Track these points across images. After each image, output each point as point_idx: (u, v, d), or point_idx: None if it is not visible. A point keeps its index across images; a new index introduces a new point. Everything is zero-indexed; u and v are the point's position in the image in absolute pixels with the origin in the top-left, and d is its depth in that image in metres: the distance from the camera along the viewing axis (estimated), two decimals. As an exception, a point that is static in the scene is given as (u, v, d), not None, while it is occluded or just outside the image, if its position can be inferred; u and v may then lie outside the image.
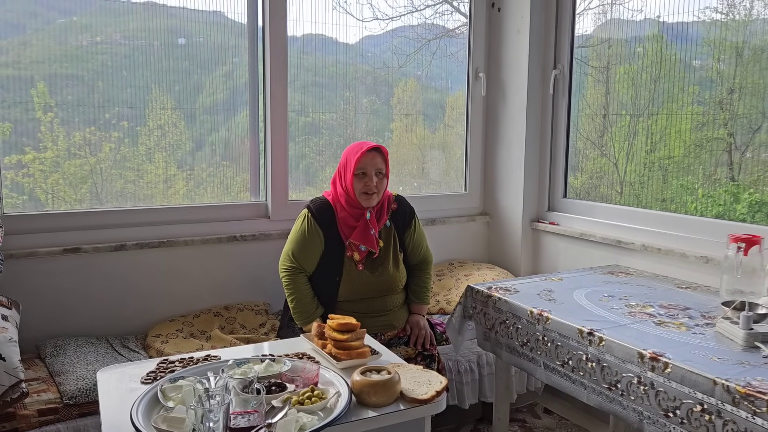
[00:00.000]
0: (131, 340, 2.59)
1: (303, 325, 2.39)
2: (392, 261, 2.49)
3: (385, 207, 2.52)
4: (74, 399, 2.06)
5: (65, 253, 2.55)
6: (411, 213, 2.60)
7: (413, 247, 2.59)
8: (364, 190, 2.39)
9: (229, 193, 3.00)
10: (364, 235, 2.42)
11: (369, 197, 2.40)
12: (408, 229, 2.57)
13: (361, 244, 2.42)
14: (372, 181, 2.38)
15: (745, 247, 2.02)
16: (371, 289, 2.45)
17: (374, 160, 2.40)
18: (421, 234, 2.63)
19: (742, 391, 1.45)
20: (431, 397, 1.60)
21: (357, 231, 2.41)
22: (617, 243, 2.88)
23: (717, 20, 2.63)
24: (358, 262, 2.43)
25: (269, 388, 1.59)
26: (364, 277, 2.43)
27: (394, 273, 2.49)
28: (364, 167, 2.38)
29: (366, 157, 2.38)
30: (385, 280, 2.46)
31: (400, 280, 2.52)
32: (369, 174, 2.38)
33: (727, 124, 2.64)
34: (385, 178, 2.44)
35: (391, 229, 2.53)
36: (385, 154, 2.45)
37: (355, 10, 3.20)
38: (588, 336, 1.88)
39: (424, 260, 2.63)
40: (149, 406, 1.52)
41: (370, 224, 2.43)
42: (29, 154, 2.59)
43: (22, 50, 2.55)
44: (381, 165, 2.41)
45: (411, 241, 2.58)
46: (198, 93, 2.93)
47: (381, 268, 2.45)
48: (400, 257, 2.53)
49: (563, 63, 3.22)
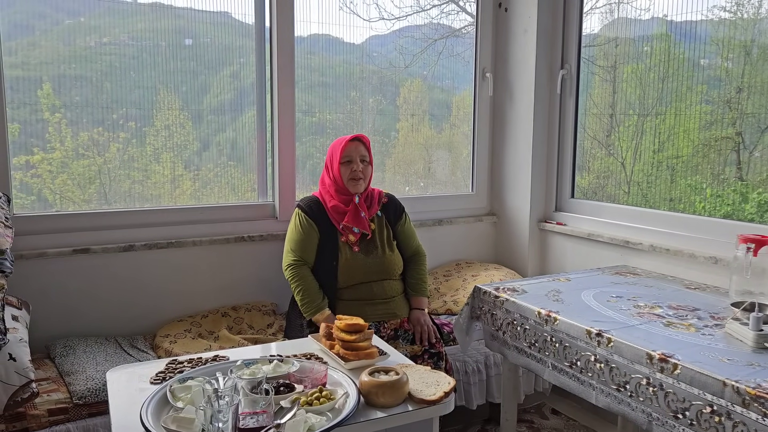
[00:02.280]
0: (140, 340, 2.60)
1: (311, 316, 2.46)
2: (386, 244, 2.63)
3: (375, 198, 2.69)
4: (84, 399, 2.07)
5: (74, 253, 2.56)
6: (401, 208, 2.78)
7: (405, 238, 2.73)
8: (352, 176, 2.56)
9: (235, 193, 3.01)
10: (355, 218, 2.57)
11: (356, 182, 2.57)
12: (399, 221, 2.73)
13: (354, 227, 2.56)
14: (358, 167, 2.56)
15: (754, 248, 2.00)
16: (368, 271, 2.56)
17: (358, 148, 2.58)
18: (411, 229, 2.79)
19: (752, 392, 1.45)
20: (439, 397, 1.60)
21: (348, 214, 2.57)
22: (625, 243, 2.87)
23: (725, 19, 2.61)
24: (353, 244, 2.55)
25: (278, 388, 1.59)
26: (360, 259, 2.55)
27: (389, 255, 2.62)
28: (349, 155, 2.56)
29: (350, 146, 2.57)
30: (380, 262, 2.58)
31: (395, 263, 2.63)
32: (354, 160, 2.56)
33: (736, 123, 2.62)
34: (370, 165, 2.62)
35: (383, 219, 2.69)
36: (367, 143, 2.63)
37: (361, 11, 3.20)
38: (596, 337, 1.87)
39: (418, 252, 2.76)
40: (158, 406, 1.53)
41: (359, 207, 2.58)
42: (37, 155, 2.60)
43: (30, 51, 2.56)
44: (364, 152, 2.60)
45: (402, 231, 2.73)
46: (205, 93, 2.94)
47: (375, 251, 2.59)
48: (393, 243, 2.67)
49: (570, 63, 3.21)
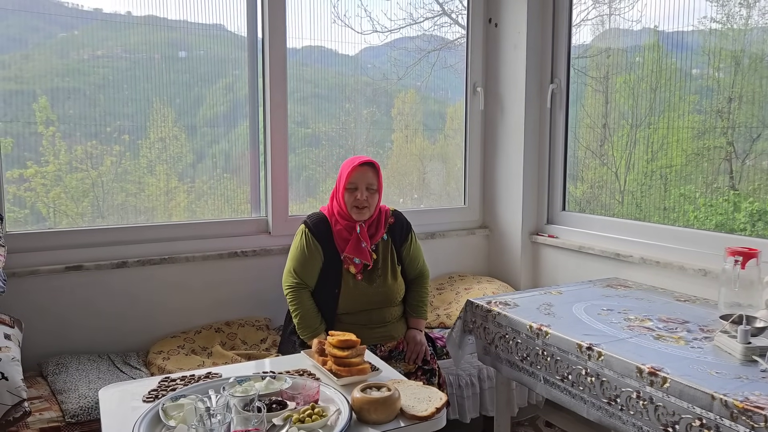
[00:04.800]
0: (133, 357, 2.59)
1: (307, 339, 2.40)
2: (390, 273, 2.51)
3: (382, 221, 2.56)
4: (76, 417, 2.06)
5: (67, 270, 2.55)
6: (408, 227, 2.64)
7: (410, 261, 2.62)
8: (355, 204, 2.43)
9: (230, 205, 3.01)
10: (356, 248, 2.45)
11: (360, 211, 2.43)
12: (405, 243, 2.61)
13: (354, 257, 2.45)
14: (362, 195, 2.41)
15: (742, 261, 2.01)
16: (370, 300, 2.47)
17: (365, 175, 2.43)
18: (417, 249, 2.66)
19: (740, 405, 1.46)
20: (431, 413, 1.61)
21: (350, 244, 2.45)
22: (616, 256, 2.88)
23: (715, 29, 2.63)
24: (356, 274, 2.46)
25: (270, 405, 1.59)
26: (363, 288, 2.46)
27: (392, 285, 2.51)
28: (355, 181, 2.43)
29: (357, 172, 2.43)
30: (383, 292, 2.49)
31: (398, 292, 2.54)
32: (360, 188, 2.42)
33: (727, 132, 2.64)
34: (377, 193, 2.48)
35: (389, 242, 2.56)
36: (378, 168, 2.48)
37: (354, 23, 3.22)
38: (587, 350, 1.88)
39: (421, 275, 2.66)
40: (151, 425, 1.53)
41: (361, 237, 2.46)
42: (31, 168, 2.60)
43: (23, 64, 2.56)
44: (372, 180, 2.45)
45: (408, 254, 2.61)
46: (199, 105, 2.94)
47: (379, 280, 2.48)
48: (398, 270, 2.56)
49: (560, 77, 3.23)
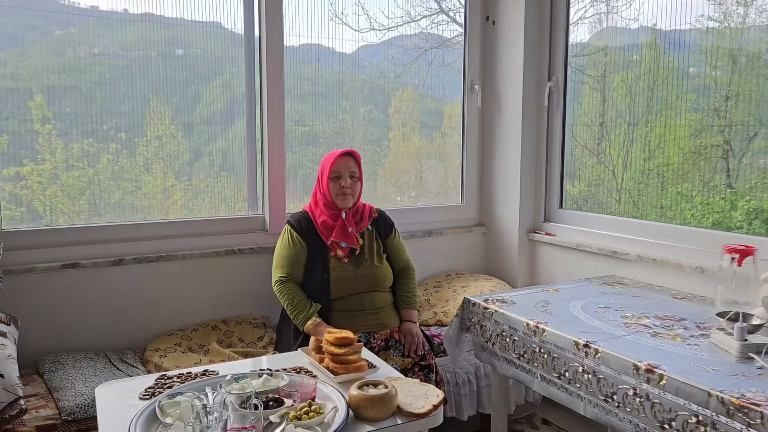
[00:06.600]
0: (129, 354, 2.58)
1: (303, 325, 2.46)
2: (376, 257, 2.65)
3: (366, 214, 2.71)
4: (73, 415, 2.05)
5: (64, 268, 2.55)
6: (391, 223, 2.80)
7: (395, 253, 2.76)
8: (340, 192, 2.58)
9: (227, 203, 3.01)
10: (343, 233, 2.59)
11: (345, 198, 2.59)
12: (389, 236, 2.76)
13: (341, 241, 2.58)
14: (347, 182, 2.58)
15: (738, 258, 2.02)
16: (358, 283, 2.58)
17: (347, 164, 2.60)
18: (401, 244, 2.82)
19: (737, 402, 1.46)
20: (428, 410, 1.61)
21: (336, 230, 2.58)
22: (613, 253, 2.89)
23: (712, 28, 2.64)
24: (343, 257, 2.58)
25: (267, 403, 1.59)
26: (350, 271, 2.58)
27: (379, 267, 2.64)
28: (338, 170, 2.58)
29: (340, 161, 2.59)
30: (371, 274, 2.61)
31: (385, 275, 2.66)
32: (343, 176, 2.58)
33: (724, 131, 2.64)
34: (359, 181, 2.65)
35: (373, 233, 2.71)
36: (358, 158, 2.65)
37: (351, 21, 3.21)
38: (584, 348, 1.89)
39: (408, 266, 2.79)
40: (147, 422, 1.53)
41: (346, 222, 2.59)
42: (27, 166, 2.59)
43: (20, 62, 2.55)
44: (354, 168, 2.62)
45: (392, 245, 2.76)
46: (196, 103, 2.94)
47: (366, 263, 2.61)
48: (383, 256, 2.70)
49: (558, 75, 3.23)
